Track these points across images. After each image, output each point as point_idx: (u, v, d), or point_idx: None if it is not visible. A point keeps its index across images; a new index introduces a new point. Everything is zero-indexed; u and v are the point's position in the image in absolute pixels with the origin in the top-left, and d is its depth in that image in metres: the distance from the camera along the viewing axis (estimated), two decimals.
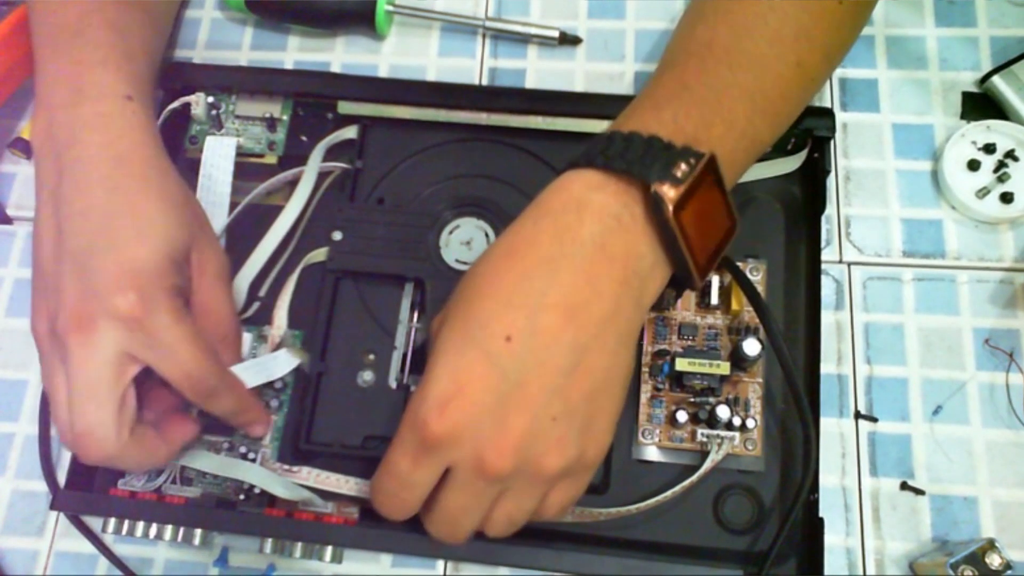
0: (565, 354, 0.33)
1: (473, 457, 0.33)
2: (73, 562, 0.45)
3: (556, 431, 0.33)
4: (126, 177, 0.39)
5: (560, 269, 0.34)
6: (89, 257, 0.37)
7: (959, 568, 0.39)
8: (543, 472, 0.34)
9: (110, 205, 0.38)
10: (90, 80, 0.40)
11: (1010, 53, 0.50)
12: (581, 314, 0.34)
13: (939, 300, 0.46)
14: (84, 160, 0.39)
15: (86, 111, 0.40)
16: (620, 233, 0.34)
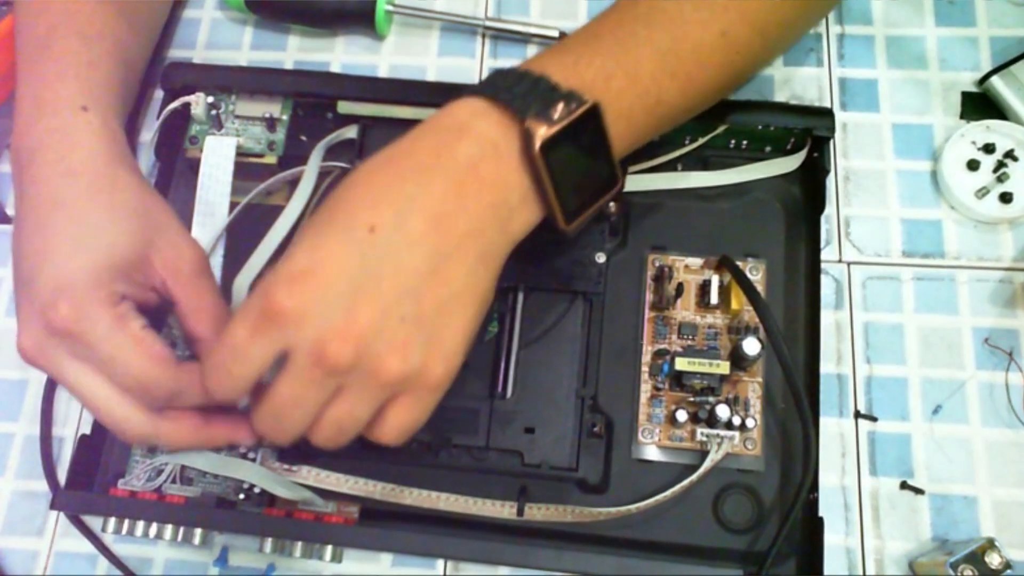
0: (424, 257, 0.33)
1: (314, 340, 0.32)
2: (73, 562, 0.45)
3: (402, 332, 0.33)
4: (72, 191, 0.38)
5: (433, 179, 0.34)
6: (32, 277, 0.37)
7: (959, 567, 0.39)
8: (382, 373, 0.33)
9: (52, 222, 0.38)
10: (48, 94, 0.40)
11: (1010, 53, 0.50)
12: (446, 223, 0.34)
13: (939, 300, 0.46)
14: (37, 180, 0.39)
15: (41, 128, 0.40)
16: (494, 160, 0.35)
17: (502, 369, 0.44)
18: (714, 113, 0.46)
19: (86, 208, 0.38)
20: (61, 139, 0.39)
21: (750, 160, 0.48)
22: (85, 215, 0.38)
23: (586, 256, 0.44)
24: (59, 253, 0.37)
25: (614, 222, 0.47)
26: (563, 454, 0.42)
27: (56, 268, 0.37)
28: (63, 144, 0.39)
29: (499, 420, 0.42)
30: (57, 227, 0.38)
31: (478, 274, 0.35)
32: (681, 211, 0.47)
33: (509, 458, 0.42)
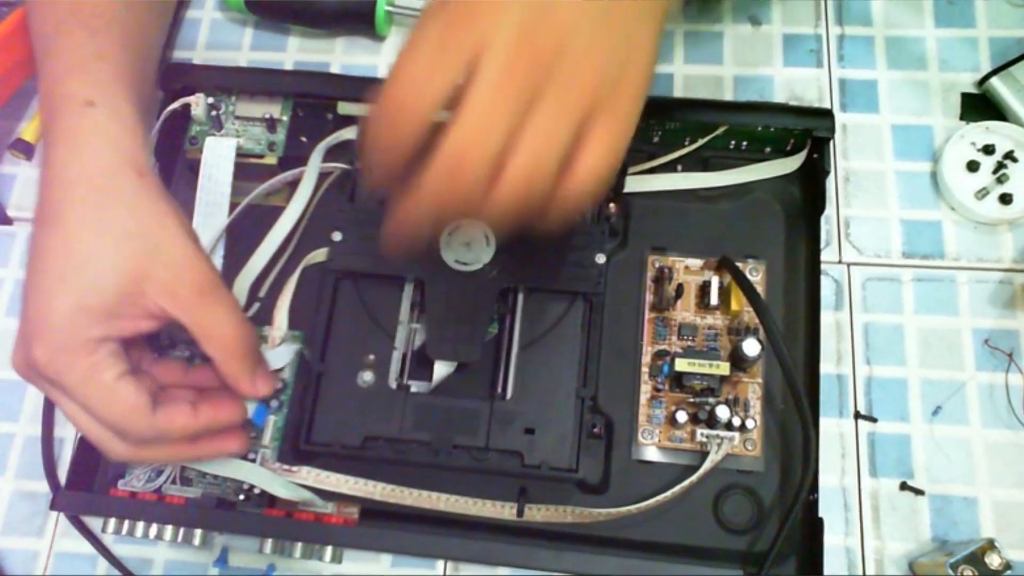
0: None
1: (515, 28, 0.29)
2: (73, 562, 0.45)
3: (603, 30, 0.30)
4: (66, 207, 0.37)
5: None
6: (24, 300, 0.37)
7: (959, 568, 0.39)
8: (583, 75, 0.30)
9: (45, 243, 0.37)
10: (57, 90, 0.39)
11: (1009, 54, 0.50)
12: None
13: (939, 301, 0.46)
14: (44, 185, 0.38)
15: (53, 126, 0.39)
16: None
17: (502, 369, 0.44)
18: (714, 114, 0.46)
19: (76, 231, 0.37)
20: (66, 142, 0.38)
21: (750, 161, 0.48)
22: (74, 240, 0.36)
23: (586, 257, 0.44)
24: (42, 287, 0.36)
25: (614, 223, 0.47)
26: (563, 455, 0.42)
27: (37, 304, 0.36)
28: (67, 148, 0.38)
29: (499, 421, 0.42)
30: (48, 250, 0.37)
31: (656, 13, 0.33)
32: (681, 212, 0.47)
33: (509, 459, 0.42)
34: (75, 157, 0.38)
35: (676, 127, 0.47)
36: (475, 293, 0.43)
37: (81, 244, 0.36)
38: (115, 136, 0.39)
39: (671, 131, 0.47)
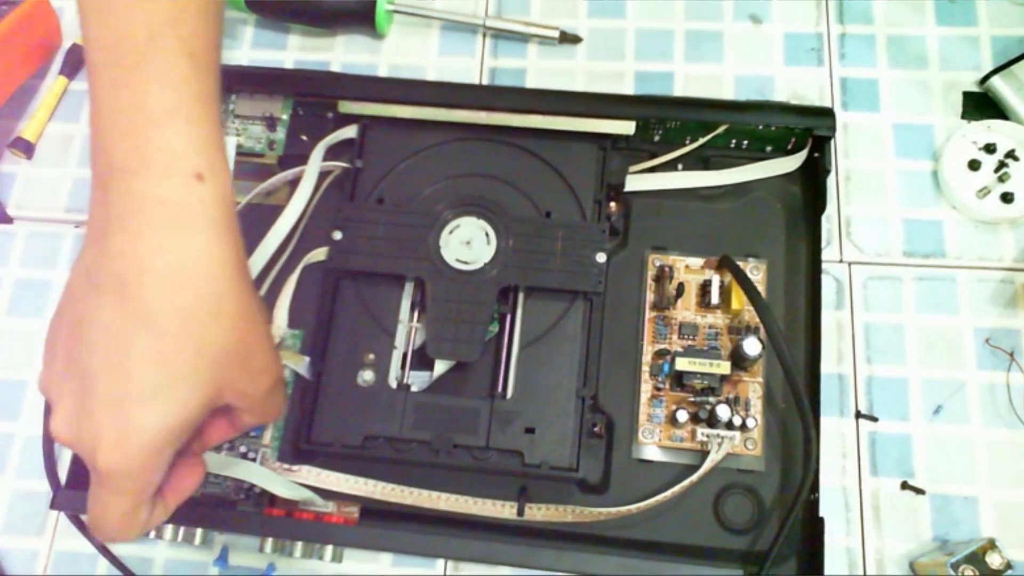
0: None
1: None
2: (73, 562, 0.45)
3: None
4: (163, 310, 0.32)
5: None
6: (90, 385, 0.33)
7: (959, 567, 0.39)
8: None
9: (133, 342, 0.32)
10: (155, 139, 0.33)
11: (1010, 53, 0.50)
12: None
13: (939, 300, 0.46)
14: (128, 259, 0.32)
15: (144, 188, 0.33)
16: None
17: (502, 369, 0.44)
18: (715, 113, 0.46)
19: (175, 342, 0.32)
20: (167, 220, 0.33)
21: (751, 160, 0.48)
22: (172, 353, 0.32)
23: (586, 256, 0.44)
24: (130, 392, 0.32)
25: (614, 222, 0.47)
26: (563, 454, 0.42)
27: (119, 411, 0.32)
28: (167, 230, 0.33)
29: (499, 420, 0.42)
30: (138, 352, 0.32)
31: None
32: (682, 211, 0.47)
33: (509, 458, 0.42)
34: (175, 245, 0.33)
35: (676, 126, 0.47)
36: (475, 292, 0.43)
37: (180, 359, 0.33)
38: (221, 226, 0.34)
39: (671, 130, 0.47)
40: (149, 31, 0.34)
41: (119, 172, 0.33)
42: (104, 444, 0.32)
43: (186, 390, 0.33)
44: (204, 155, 0.34)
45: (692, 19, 0.53)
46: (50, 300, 0.49)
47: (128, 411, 0.32)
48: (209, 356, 0.33)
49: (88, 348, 0.33)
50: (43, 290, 0.50)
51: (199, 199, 0.33)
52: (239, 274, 0.34)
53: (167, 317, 0.32)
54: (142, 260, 0.32)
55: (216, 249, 0.34)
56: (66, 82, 0.54)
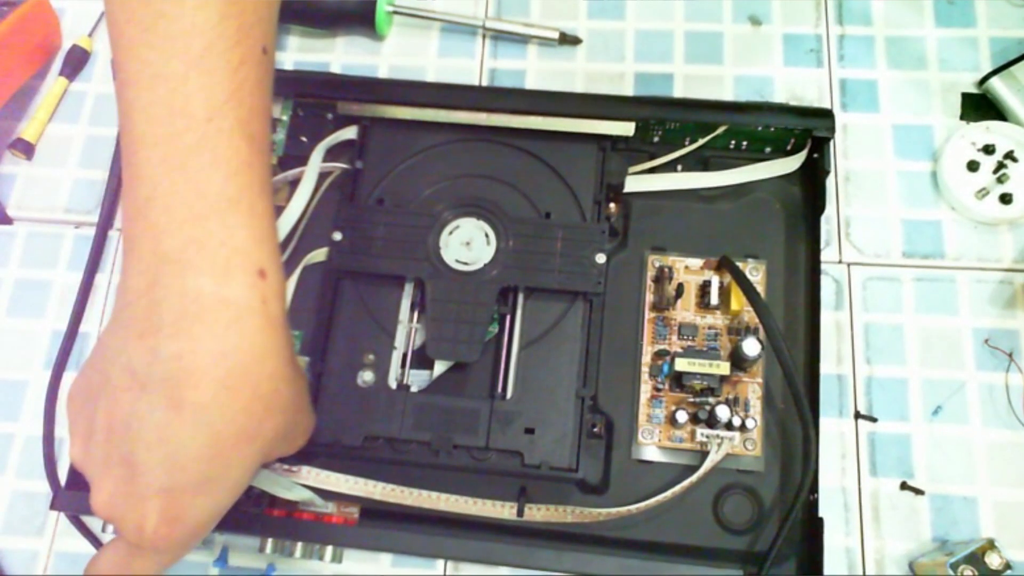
0: None
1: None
2: (73, 562, 0.45)
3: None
4: (220, 414, 0.31)
5: None
6: (139, 476, 0.32)
7: (959, 568, 0.39)
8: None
9: (184, 441, 0.31)
10: (216, 233, 0.31)
11: (1010, 54, 0.50)
12: None
13: (939, 300, 0.46)
14: (185, 365, 0.31)
15: (204, 288, 0.31)
16: None
17: (502, 369, 0.44)
18: (714, 114, 0.46)
19: (227, 438, 0.32)
20: (229, 323, 0.31)
21: (750, 161, 0.48)
22: (224, 448, 0.32)
23: (586, 256, 0.44)
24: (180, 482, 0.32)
25: (614, 222, 0.47)
26: (563, 454, 0.42)
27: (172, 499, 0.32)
28: (230, 334, 0.31)
29: (499, 420, 0.42)
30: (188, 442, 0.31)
31: None
32: (681, 212, 0.47)
33: (509, 458, 0.42)
34: (235, 350, 0.31)
35: (676, 127, 0.47)
36: (475, 293, 0.43)
37: (233, 453, 0.32)
38: (280, 323, 0.33)
39: (671, 131, 0.47)
40: (208, 108, 0.31)
41: (173, 264, 0.31)
42: (151, 526, 0.32)
43: (235, 477, 0.33)
44: (266, 249, 0.32)
45: (692, 20, 0.53)
46: (50, 300, 0.50)
47: (180, 500, 0.32)
48: (261, 445, 0.33)
49: (134, 441, 0.32)
50: (43, 290, 0.50)
51: (262, 299, 0.32)
52: (293, 364, 0.34)
53: (223, 419, 0.32)
54: (200, 365, 0.31)
55: (275, 348, 0.32)
56: (66, 83, 0.54)
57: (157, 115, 0.31)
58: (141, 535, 0.32)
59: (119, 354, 0.32)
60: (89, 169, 0.52)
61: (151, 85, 0.31)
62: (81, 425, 0.34)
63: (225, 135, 0.31)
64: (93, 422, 0.33)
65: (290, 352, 0.34)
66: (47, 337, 0.49)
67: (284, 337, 0.33)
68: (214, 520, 0.34)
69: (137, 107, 0.32)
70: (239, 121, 0.32)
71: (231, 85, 0.32)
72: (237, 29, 0.32)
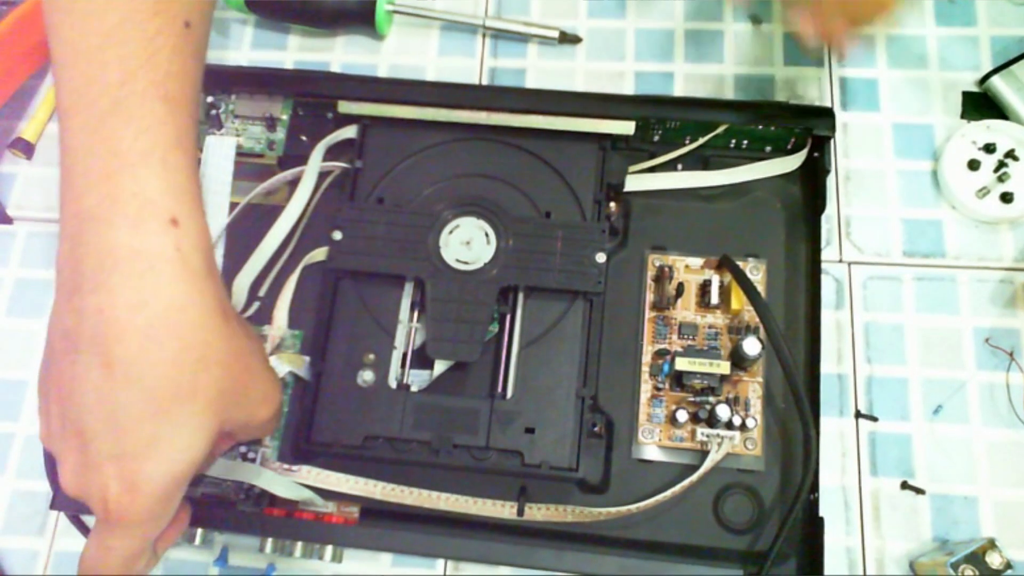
0: None
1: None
2: (73, 562, 0.44)
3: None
4: (146, 362, 0.31)
5: None
6: (89, 443, 0.32)
7: (959, 567, 0.39)
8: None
9: (120, 398, 0.31)
10: (127, 186, 0.32)
11: (1010, 53, 0.50)
12: None
13: (939, 300, 0.46)
14: (106, 318, 0.31)
15: (118, 240, 0.31)
16: None
17: (502, 369, 0.44)
18: (714, 113, 0.46)
19: (163, 393, 0.32)
20: (143, 272, 0.32)
21: (750, 160, 0.48)
22: (163, 403, 0.32)
23: (586, 256, 0.44)
24: (127, 448, 0.32)
25: (614, 222, 0.47)
26: (563, 454, 0.42)
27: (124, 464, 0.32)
28: (144, 281, 0.32)
29: (499, 420, 0.42)
30: (127, 407, 0.32)
31: None
32: (681, 211, 0.47)
33: (509, 458, 0.42)
34: (153, 298, 0.32)
35: (676, 126, 0.47)
36: (475, 292, 0.43)
37: (174, 409, 0.32)
38: (201, 272, 0.33)
39: (671, 130, 0.47)
40: (122, 74, 0.32)
41: (90, 221, 0.32)
42: (112, 496, 0.32)
43: (184, 437, 0.33)
44: (179, 199, 0.33)
45: (692, 19, 0.53)
46: (50, 300, 0.49)
47: (131, 465, 0.32)
48: (203, 402, 0.33)
49: (79, 408, 0.32)
50: (43, 290, 0.50)
51: (175, 246, 0.32)
52: (223, 316, 0.34)
53: (154, 372, 0.32)
54: (121, 318, 0.31)
55: (197, 296, 0.33)
56: None
57: (76, 87, 0.33)
58: (106, 507, 0.33)
59: (55, 320, 0.33)
60: None
61: (72, 61, 0.33)
62: (42, 403, 0.35)
63: (138, 96, 0.33)
64: (48, 396, 0.34)
65: (219, 305, 0.34)
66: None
67: (209, 289, 0.33)
68: (175, 486, 0.33)
69: (61, 84, 0.33)
70: (152, 83, 0.33)
71: (145, 53, 0.33)
72: (155, 2, 0.33)
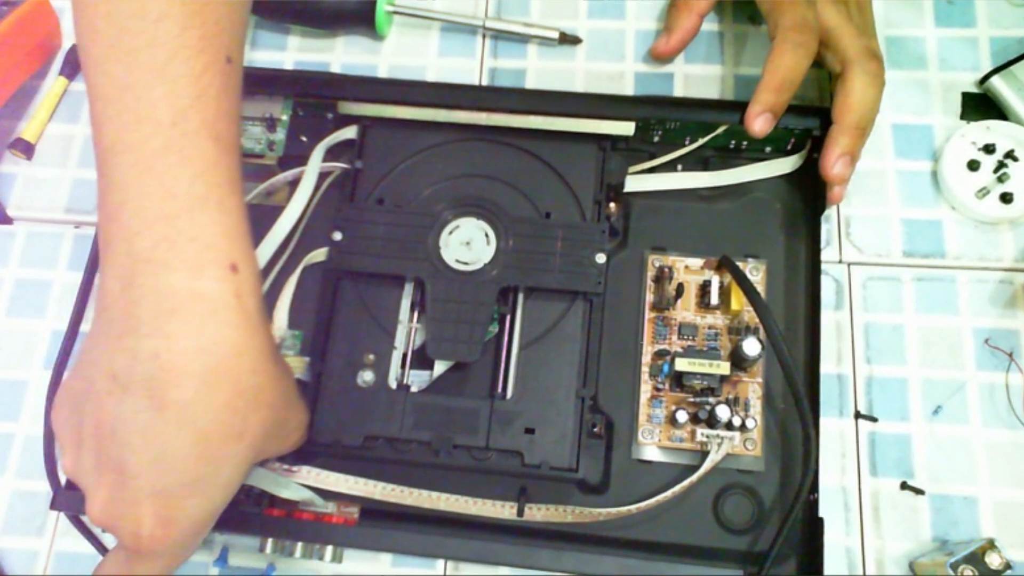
0: None
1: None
2: (73, 562, 0.45)
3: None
4: (204, 411, 0.32)
5: None
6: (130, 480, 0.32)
7: (959, 568, 0.39)
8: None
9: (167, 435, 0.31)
10: (185, 230, 0.32)
11: (1010, 53, 0.50)
12: None
13: (939, 300, 0.46)
14: (163, 363, 0.31)
15: (177, 284, 0.31)
16: None
17: (502, 369, 0.44)
18: (714, 114, 0.46)
19: (213, 435, 0.32)
20: (203, 318, 0.32)
21: (750, 160, 0.48)
22: (211, 447, 0.32)
23: (586, 256, 0.44)
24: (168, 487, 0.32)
25: (614, 222, 0.47)
26: (563, 454, 0.42)
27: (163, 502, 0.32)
28: (206, 329, 0.32)
29: (499, 420, 0.42)
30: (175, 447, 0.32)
31: None
32: (681, 211, 0.47)
33: (509, 458, 0.42)
34: (213, 344, 0.32)
35: (676, 127, 0.47)
36: (475, 293, 0.43)
37: (218, 451, 0.32)
38: (256, 317, 0.33)
39: (671, 131, 0.47)
40: (173, 113, 0.32)
41: (146, 263, 0.32)
42: (146, 530, 0.32)
43: (226, 475, 0.33)
44: (237, 244, 0.33)
45: None
46: (50, 300, 0.50)
47: (171, 503, 0.32)
48: (249, 442, 0.33)
49: (121, 446, 0.32)
50: (43, 290, 0.50)
51: (235, 292, 0.32)
52: (274, 359, 0.34)
53: (207, 416, 0.32)
54: (178, 363, 0.31)
55: (253, 341, 0.33)
56: (66, 83, 0.54)
57: (125, 123, 0.32)
58: (138, 540, 0.33)
59: (100, 359, 0.33)
60: (89, 169, 0.52)
61: (118, 96, 0.33)
62: (69, 435, 0.34)
63: (191, 137, 0.32)
64: (81, 430, 0.34)
65: (270, 348, 0.34)
66: (47, 337, 0.49)
67: (262, 332, 0.34)
68: (210, 520, 0.34)
69: (106, 118, 0.33)
70: (204, 123, 0.33)
71: (195, 91, 0.33)
72: (199, 39, 0.33)
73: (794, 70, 0.43)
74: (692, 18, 0.49)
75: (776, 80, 0.43)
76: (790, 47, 0.43)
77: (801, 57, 0.43)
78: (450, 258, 0.44)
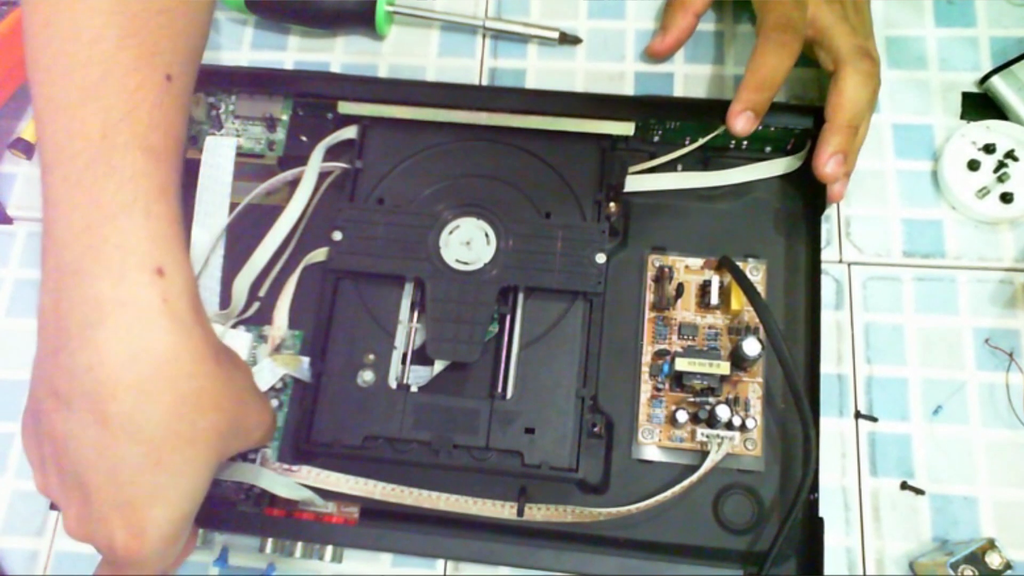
0: None
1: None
2: (73, 562, 0.45)
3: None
4: (146, 420, 0.31)
5: None
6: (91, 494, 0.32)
7: (959, 568, 0.39)
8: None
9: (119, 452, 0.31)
10: (109, 237, 0.32)
11: (1010, 53, 0.50)
12: None
13: (939, 300, 0.46)
14: (97, 376, 0.31)
15: (102, 292, 0.31)
16: None
17: (502, 369, 0.44)
18: (714, 114, 0.46)
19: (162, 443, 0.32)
20: (131, 325, 0.31)
21: (750, 160, 0.48)
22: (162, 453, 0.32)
23: (586, 256, 0.44)
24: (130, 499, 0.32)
25: (614, 222, 0.47)
26: (563, 454, 0.42)
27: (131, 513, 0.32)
28: (132, 335, 0.31)
29: (499, 420, 0.42)
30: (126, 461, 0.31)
31: None
32: (681, 211, 0.47)
33: (509, 458, 0.42)
34: (144, 352, 0.31)
35: (676, 127, 0.47)
36: (475, 293, 0.43)
37: (175, 458, 0.32)
38: (188, 320, 0.33)
39: (671, 131, 0.47)
40: (103, 128, 0.32)
41: (72, 275, 0.32)
42: (119, 543, 0.32)
43: (187, 482, 0.33)
44: (164, 248, 0.33)
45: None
46: None
47: (136, 514, 0.32)
48: (202, 446, 0.33)
49: (76, 463, 0.32)
50: None
51: (162, 296, 0.32)
52: (215, 360, 0.34)
53: (150, 426, 0.32)
54: (112, 375, 0.31)
55: (187, 345, 0.32)
56: None
57: (59, 142, 0.33)
58: (114, 552, 0.33)
59: (43, 376, 0.33)
60: None
61: (53, 116, 0.33)
62: (35, 455, 0.35)
63: (119, 149, 0.33)
64: (42, 450, 0.34)
65: (209, 350, 0.34)
66: None
67: (199, 334, 0.33)
68: (183, 524, 0.34)
69: (43, 139, 0.33)
70: (135, 136, 0.33)
71: (127, 107, 0.33)
72: (135, 58, 0.34)
73: (775, 69, 0.43)
74: (688, 17, 0.50)
75: (757, 79, 0.43)
76: (772, 47, 0.43)
77: (784, 57, 0.43)
78: (450, 258, 0.44)
